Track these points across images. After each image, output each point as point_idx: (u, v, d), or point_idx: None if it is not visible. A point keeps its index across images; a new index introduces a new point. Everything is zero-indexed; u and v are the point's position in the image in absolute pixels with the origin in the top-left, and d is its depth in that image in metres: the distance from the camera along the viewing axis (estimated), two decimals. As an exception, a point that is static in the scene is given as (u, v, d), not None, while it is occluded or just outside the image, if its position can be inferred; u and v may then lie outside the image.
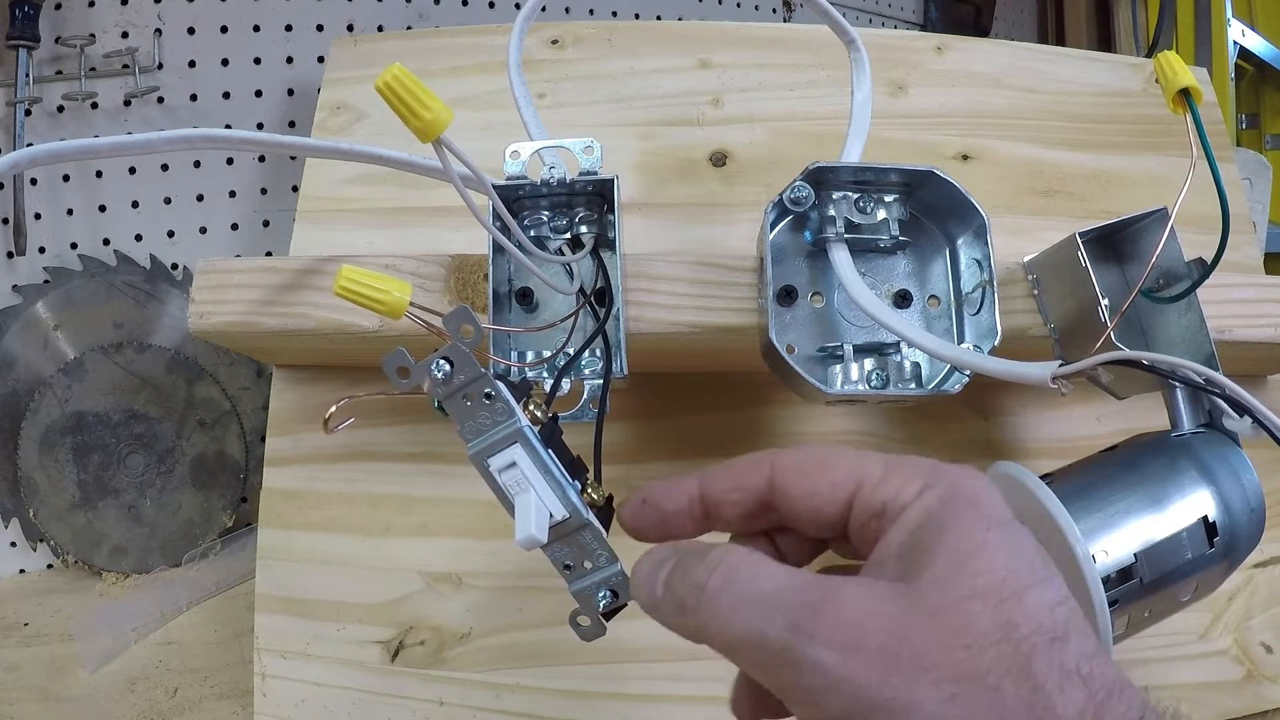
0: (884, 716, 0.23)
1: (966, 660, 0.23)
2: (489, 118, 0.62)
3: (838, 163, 0.44)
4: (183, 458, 0.74)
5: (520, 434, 0.30)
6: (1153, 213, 0.43)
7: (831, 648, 0.23)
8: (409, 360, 0.30)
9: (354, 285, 0.33)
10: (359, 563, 0.53)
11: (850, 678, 0.23)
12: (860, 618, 0.24)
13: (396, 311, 0.33)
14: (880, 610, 0.24)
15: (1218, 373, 0.37)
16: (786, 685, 0.24)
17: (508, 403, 0.30)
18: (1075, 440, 0.58)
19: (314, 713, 0.51)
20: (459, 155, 0.31)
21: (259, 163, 0.79)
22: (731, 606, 0.26)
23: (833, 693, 0.23)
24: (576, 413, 0.42)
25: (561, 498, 0.31)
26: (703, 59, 0.67)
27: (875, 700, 0.23)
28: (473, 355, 0.30)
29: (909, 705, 0.23)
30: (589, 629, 0.33)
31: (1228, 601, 0.56)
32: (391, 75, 0.28)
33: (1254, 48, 1.37)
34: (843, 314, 0.45)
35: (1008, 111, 0.67)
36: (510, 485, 0.31)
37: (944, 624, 0.23)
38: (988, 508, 0.26)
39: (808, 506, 0.29)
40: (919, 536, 0.26)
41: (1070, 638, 0.24)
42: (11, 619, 0.66)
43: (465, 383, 0.30)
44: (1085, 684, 0.23)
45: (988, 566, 0.24)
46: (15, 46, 0.69)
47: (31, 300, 0.72)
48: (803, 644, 0.24)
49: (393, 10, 0.83)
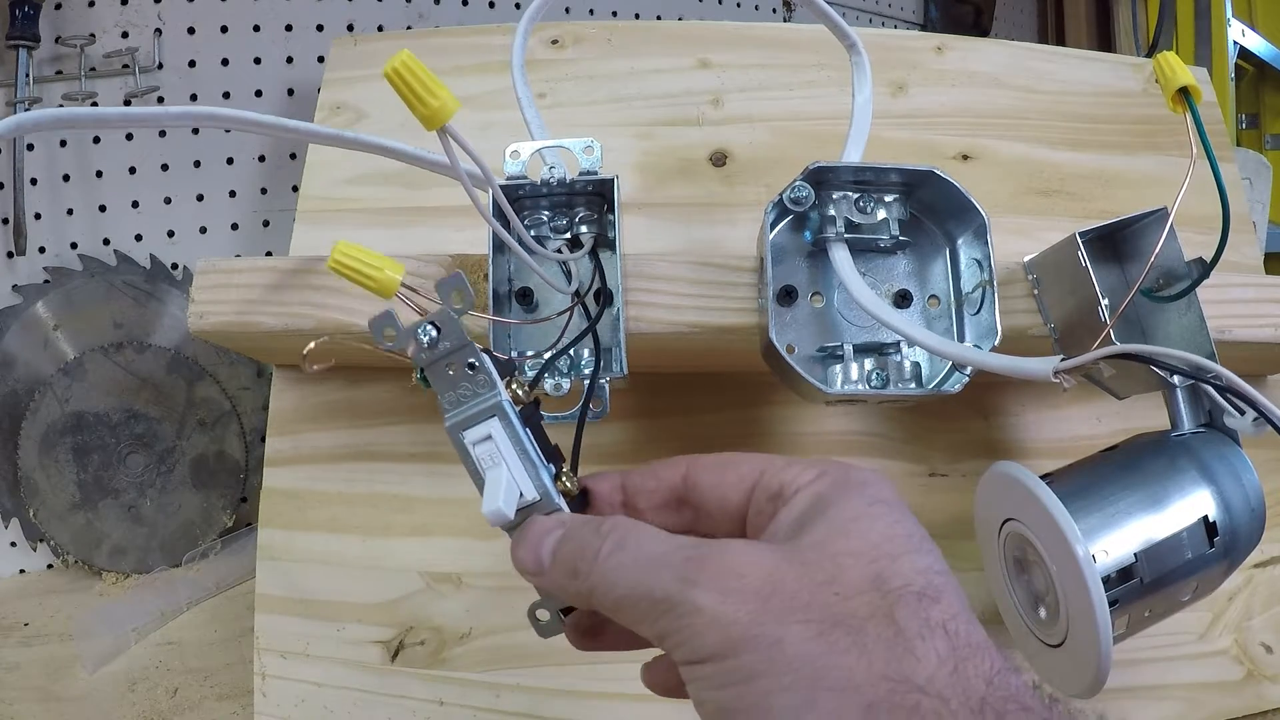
0: (754, 650, 0.24)
1: (835, 604, 0.24)
2: (489, 117, 0.62)
3: (838, 163, 0.44)
4: (183, 458, 0.74)
5: (499, 408, 0.30)
6: (1153, 213, 0.43)
7: (712, 591, 0.25)
8: (396, 323, 0.30)
9: (348, 260, 0.33)
10: (359, 563, 0.53)
11: (725, 615, 0.24)
12: (740, 566, 0.25)
13: (387, 290, 0.33)
14: (759, 560, 0.26)
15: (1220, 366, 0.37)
16: (667, 631, 0.25)
17: (490, 374, 0.30)
18: (1075, 440, 0.58)
19: (314, 713, 0.51)
20: (463, 144, 0.31)
21: (259, 163, 0.79)
22: (621, 567, 0.27)
23: (708, 630, 0.24)
24: (575, 412, 0.41)
25: (534, 478, 0.30)
26: (703, 59, 0.67)
27: (746, 635, 0.24)
28: (461, 324, 0.30)
29: (777, 639, 0.24)
30: (547, 625, 0.32)
31: (1228, 601, 0.56)
32: (400, 61, 0.28)
33: (1254, 48, 1.37)
34: (843, 314, 0.45)
35: (1008, 111, 0.67)
36: (484, 458, 0.30)
37: (816, 573, 0.25)
38: (874, 491, 0.28)
39: (715, 495, 0.31)
40: (807, 512, 0.28)
41: (941, 599, 0.25)
42: (11, 619, 0.66)
43: (450, 350, 0.30)
44: (949, 639, 0.24)
45: (864, 531, 0.26)
46: (15, 46, 0.69)
47: (31, 300, 0.72)
48: (685, 590, 0.25)
49: (393, 10, 0.83)
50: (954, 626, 0.24)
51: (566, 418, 0.41)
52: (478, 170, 0.34)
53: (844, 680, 0.23)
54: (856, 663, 0.23)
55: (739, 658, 0.24)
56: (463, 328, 0.30)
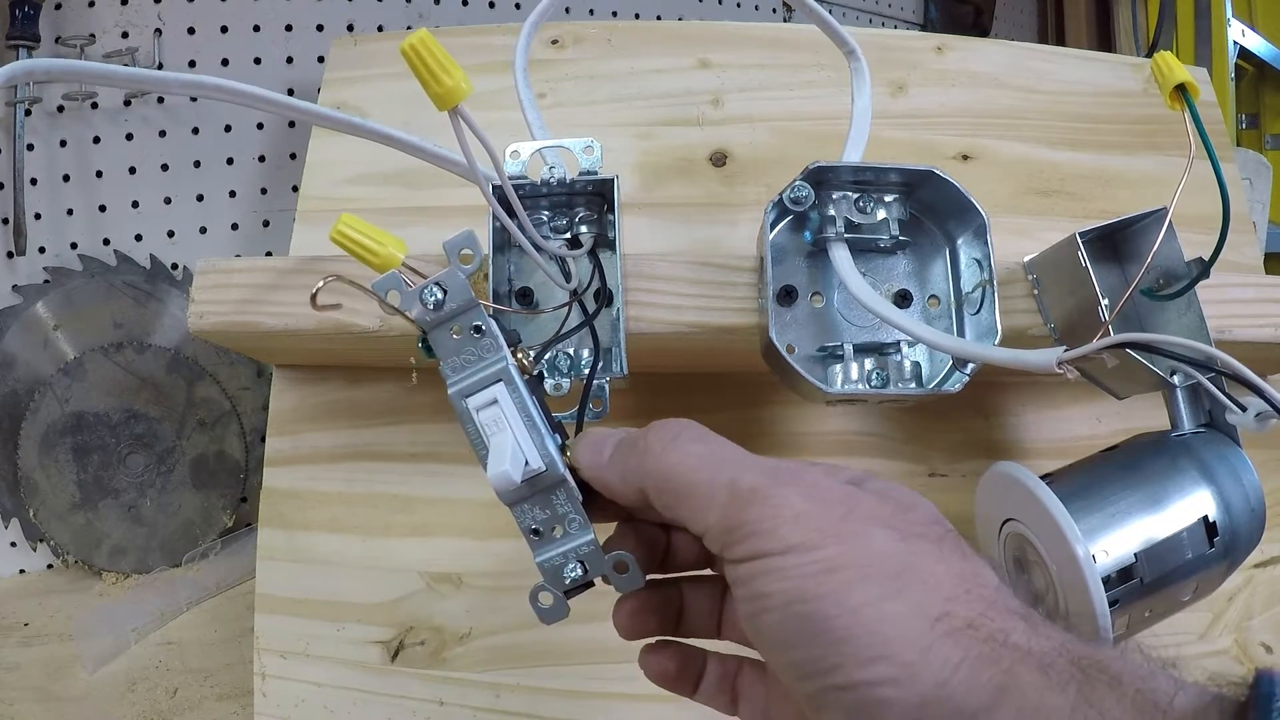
0: (842, 542, 0.25)
1: (912, 523, 0.27)
2: (489, 117, 0.62)
3: (838, 162, 0.44)
4: (183, 458, 0.74)
5: (505, 373, 0.29)
6: (1152, 213, 0.43)
7: (800, 492, 0.27)
8: (401, 284, 0.30)
9: (351, 233, 0.32)
10: (359, 563, 0.53)
11: (814, 511, 0.26)
12: (823, 481, 0.28)
13: (388, 266, 0.32)
14: (838, 483, 0.28)
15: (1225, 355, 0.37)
16: (746, 519, 0.26)
17: (496, 338, 0.29)
18: (1075, 440, 0.58)
19: (314, 713, 0.51)
20: (473, 126, 0.30)
21: (259, 163, 0.79)
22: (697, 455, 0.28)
23: (796, 522, 0.26)
24: (575, 412, 0.41)
25: (540, 446, 0.29)
26: (703, 59, 0.67)
27: (835, 529, 0.26)
28: (468, 283, 0.29)
29: (864, 535, 0.26)
30: (551, 609, 0.31)
31: (1228, 601, 0.56)
32: (418, 38, 0.28)
33: (1254, 48, 1.37)
34: (843, 314, 0.45)
35: (1008, 111, 0.67)
36: (488, 424, 0.29)
37: (889, 502, 0.28)
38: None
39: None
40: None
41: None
42: (11, 619, 0.66)
43: (456, 311, 0.29)
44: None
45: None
46: (15, 46, 0.69)
47: (31, 300, 0.72)
48: (775, 485, 0.27)
49: (393, 10, 0.83)
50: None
51: (566, 418, 0.41)
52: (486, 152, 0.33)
53: (926, 575, 0.25)
54: (935, 565, 0.26)
55: (825, 549, 0.25)
56: (469, 287, 0.29)
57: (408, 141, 0.46)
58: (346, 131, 0.46)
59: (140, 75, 0.39)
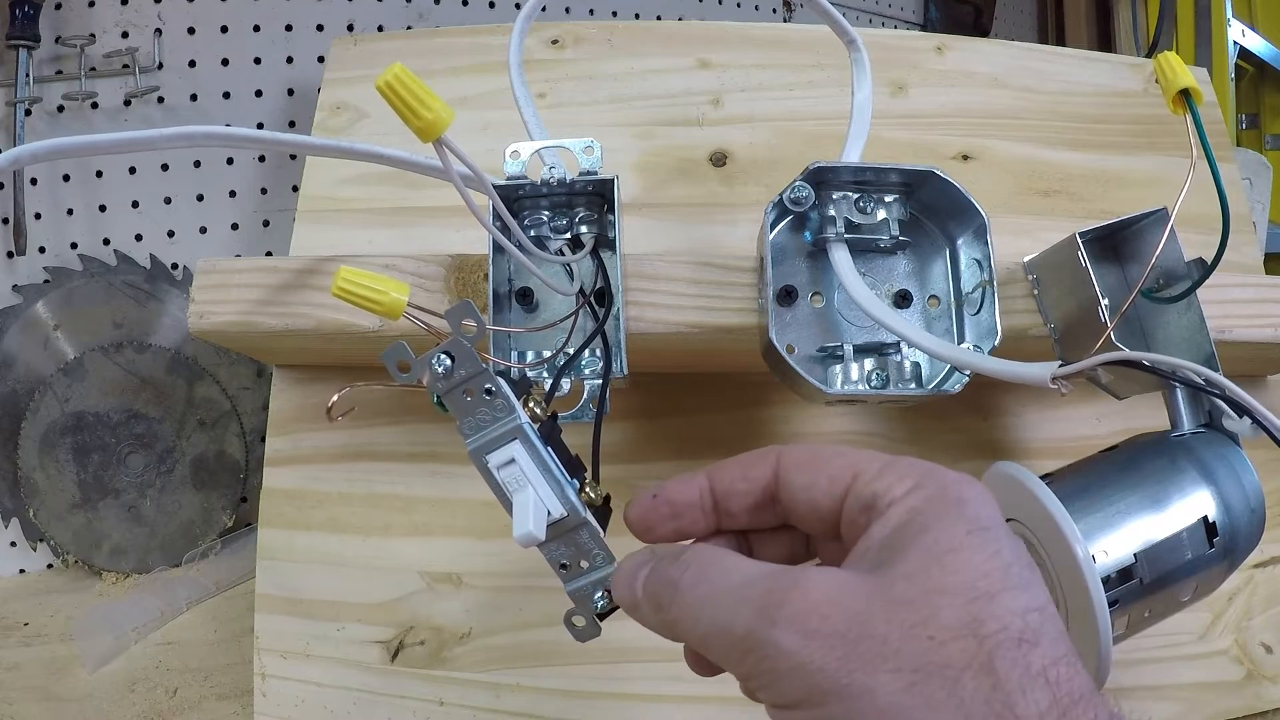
0: (841, 701, 0.23)
1: (928, 651, 0.23)
2: (489, 117, 0.62)
3: (838, 163, 0.44)
4: (183, 458, 0.74)
5: (520, 430, 0.30)
6: (1153, 213, 0.43)
7: (793, 631, 0.24)
8: (409, 354, 0.30)
9: (351, 286, 0.33)
10: (359, 563, 0.53)
11: (810, 661, 0.23)
12: (823, 603, 0.24)
13: (394, 312, 0.33)
14: (845, 597, 0.24)
15: (1217, 373, 0.37)
16: (751, 671, 0.25)
17: (508, 399, 0.30)
18: (1075, 440, 0.58)
19: (314, 713, 0.51)
20: (460, 155, 0.31)
21: (259, 162, 0.79)
22: (702, 600, 0.26)
23: (793, 675, 0.23)
24: (576, 412, 0.42)
25: (560, 495, 0.31)
26: (703, 59, 0.67)
27: (833, 685, 0.23)
28: (474, 350, 0.30)
29: (866, 690, 0.22)
30: (584, 629, 0.32)
31: (1228, 601, 0.56)
32: (392, 75, 0.28)
33: (1254, 48, 1.37)
34: (843, 314, 0.45)
35: (1008, 111, 0.67)
36: (509, 482, 0.31)
37: (908, 614, 0.23)
38: (974, 510, 0.26)
39: (806, 498, 0.29)
40: (900, 532, 0.26)
41: (1041, 643, 0.23)
42: (11, 619, 0.66)
43: (466, 378, 0.30)
44: (1051, 688, 0.23)
45: (960, 566, 0.24)
46: (15, 46, 0.69)
47: (31, 300, 0.72)
48: (765, 629, 0.24)
49: (393, 10, 0.83)
50: (1055, 673, 0.23)
51: (567, 418, 0.41)
52: (476, 178, 0.34)
53: None
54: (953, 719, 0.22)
55: (826, 707, 0.23)
56: (476, 355, 0.30)
57: (396, 158, 0.46)
58: (338, 156, 0.47)
59: (129, 139, 0.40)
